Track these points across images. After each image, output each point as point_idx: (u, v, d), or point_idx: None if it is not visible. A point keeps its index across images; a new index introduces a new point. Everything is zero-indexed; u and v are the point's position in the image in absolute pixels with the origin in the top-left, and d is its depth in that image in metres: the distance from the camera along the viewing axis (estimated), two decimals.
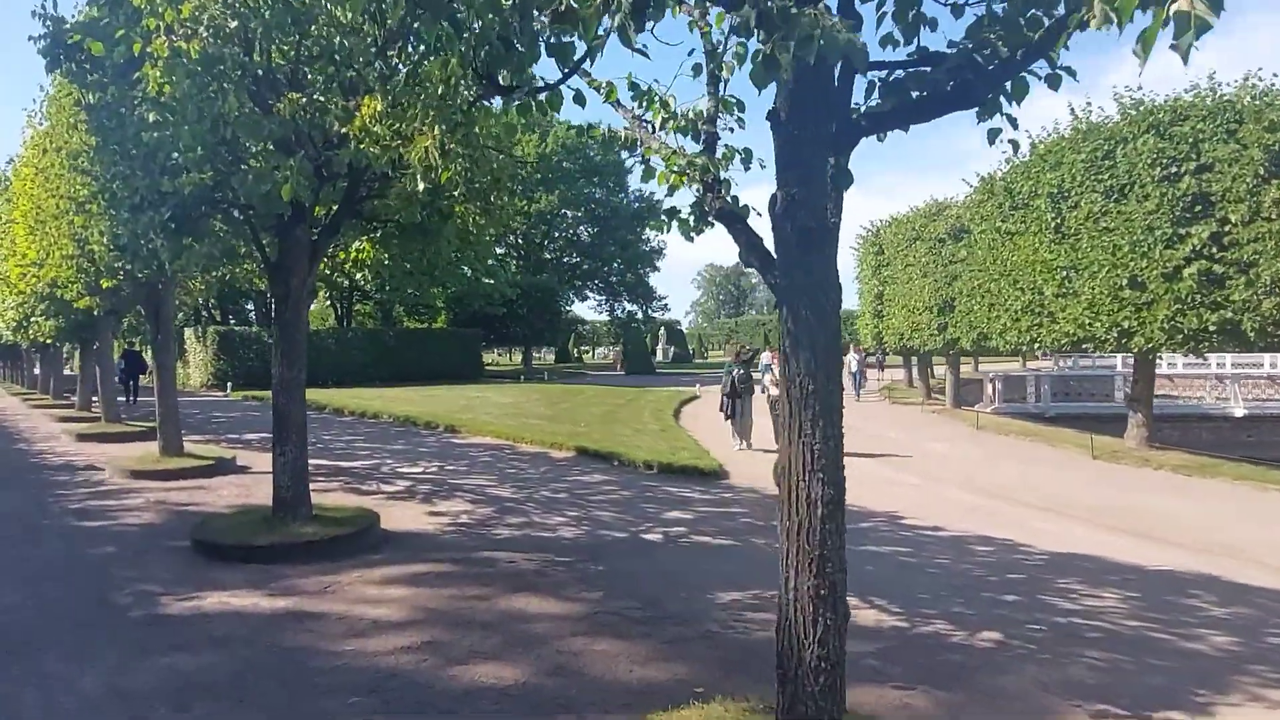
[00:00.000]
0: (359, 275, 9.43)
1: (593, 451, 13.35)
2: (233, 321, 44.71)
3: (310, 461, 13.04)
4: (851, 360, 28.07)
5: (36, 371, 33.24)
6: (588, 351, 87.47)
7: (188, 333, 38.00)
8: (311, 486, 8.78)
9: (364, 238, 7.78)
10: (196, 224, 6.37)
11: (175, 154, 5.84)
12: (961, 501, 10.51)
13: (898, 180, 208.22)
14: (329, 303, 49.19)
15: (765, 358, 21.88)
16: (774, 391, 13.11)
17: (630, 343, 50.37)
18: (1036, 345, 16.18)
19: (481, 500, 9.61)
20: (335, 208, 7.62)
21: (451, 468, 12.18)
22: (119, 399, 18.59)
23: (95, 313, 12.76)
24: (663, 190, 3.61)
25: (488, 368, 49.61)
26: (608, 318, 69.44)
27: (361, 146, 4.19)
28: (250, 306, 47.38)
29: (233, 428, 18.24)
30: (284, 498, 7.35)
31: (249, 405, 26.24)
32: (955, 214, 19.71)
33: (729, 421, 13.60)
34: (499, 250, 51.34)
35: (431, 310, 47.20)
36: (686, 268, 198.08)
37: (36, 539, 7.47)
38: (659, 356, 63.55)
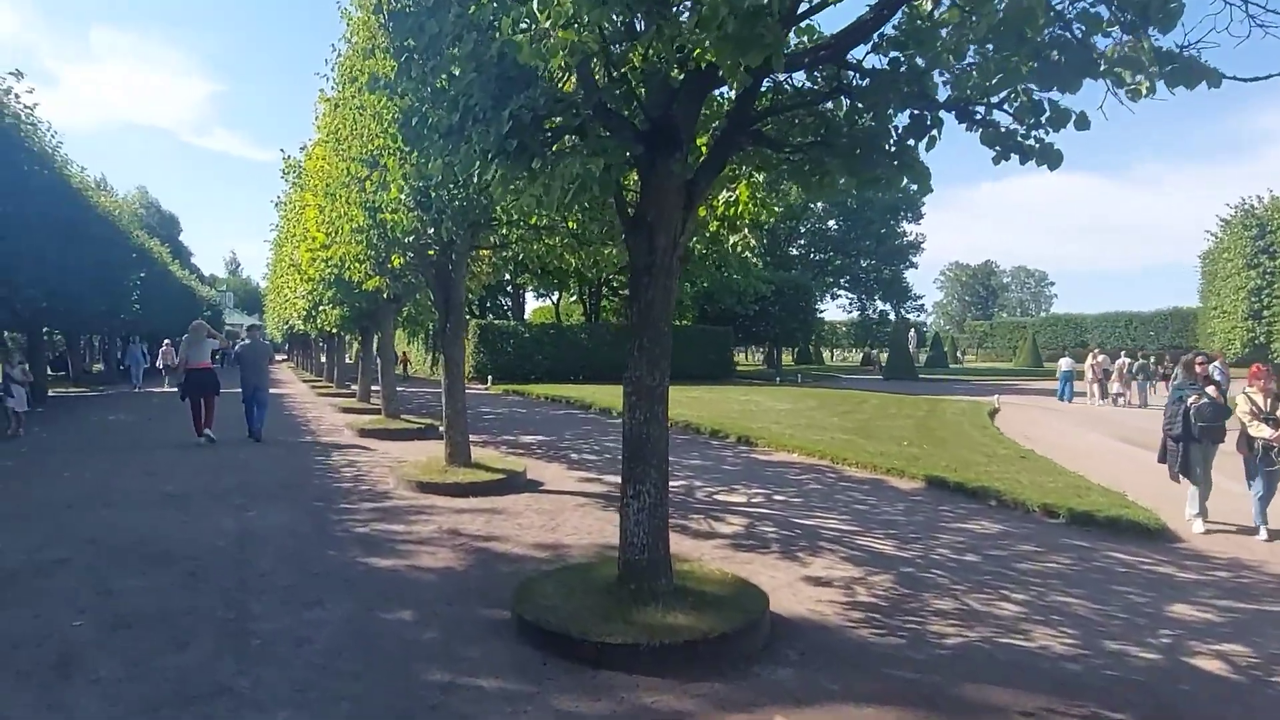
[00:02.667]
0: (734, 240, 7.02)
1: (954, 485, 10.18)
2: (490, 316, 45.69)
3: (608, 478, 11.08)
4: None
5: (323, 360, 35.28)
6: (825, 352, 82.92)
7: None
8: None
9: (755, 175, 5.30)
10: (544, 143, 4.09)
11: (530, 18, 3.54)
12: None
13: (1163, 169, 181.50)
14: (575, 297, 49.28)
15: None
16: (1267, 433, 8.00)
17: (893, 345, 45.79)
18: None
19: (864, 559, 6.85)
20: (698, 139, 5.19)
21: (781, 498, 9.56)
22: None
23: (384, 295, 11.53)
24: None
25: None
26: (857, 317, 64.73)
27: None
28: (507, 302, 48.40)
29: (504, 426, 16.98)
30: (636, 560, 4.98)
31: (512, 400, 25.57)
32: None
33: (1179, 479, 8.65)
34: None
35: (679, 307, 45.63)
36: (926, 268, 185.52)
37: (318, 590, 5.66)
38: None
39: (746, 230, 5.88)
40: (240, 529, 7.34)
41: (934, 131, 4.06)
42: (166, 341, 31.37)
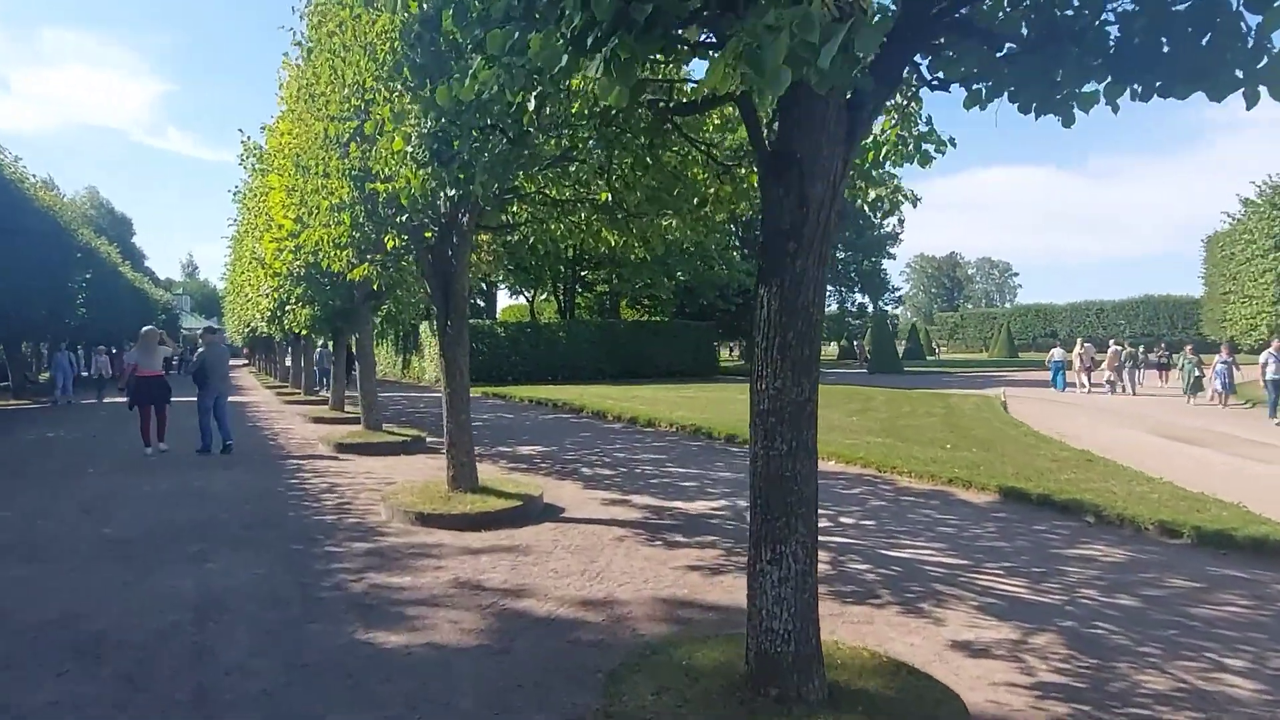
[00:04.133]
0: (877, 195, 5.58)
1: (1037, 497, 8.81)
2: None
3: (637, 499, 8.97)
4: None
5: (288, 364, 33.16)
6: None
7: (423, 326, 37.15)
8: (683, 556, 5.14)
9: (911, 104, 3.78)
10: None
11: None
12: None
13: (1119, 162, 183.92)
14: (547, 295, 47.48)
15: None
16: None
17: (877, 338, 44.78)
18: None
19: (1003, 610, 5.38)
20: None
21: (849, 520, 8.13)
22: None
23: (374, 286, 9.85)
24: None
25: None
26: (836, 309, 63.63)
27: None
28: (479, 300, 46.44)
29: (496, 435, 15.32)
30: (778, 655, 3.46)
31: (495, 404, 23.86)
32: None
33: None
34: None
35: (656, 303, 44.01)
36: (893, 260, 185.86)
37: (307, 695, 4.02)
38: None
39: (898, 183, 4.33)
40: (198, 592, 5.66)
41: None
42: (101, 348, 28.69)
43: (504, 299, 54.79)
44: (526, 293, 45.58)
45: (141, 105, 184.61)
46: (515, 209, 8.00)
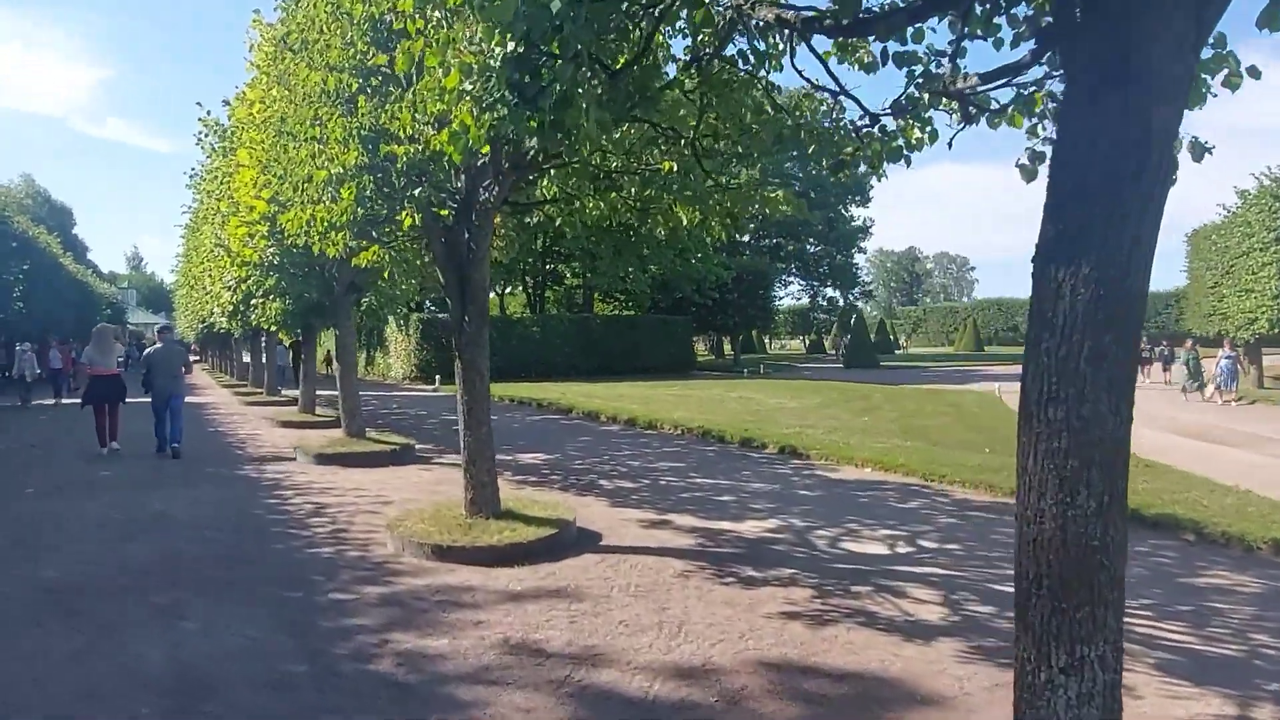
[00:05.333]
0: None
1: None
2: (430, 309, 42.07)
3: (678, 520, 7.83)
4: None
5: (246, 360, 31.31)
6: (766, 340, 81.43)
7: (390, 321, 35.52)
8: (768, 598, 4.16)
9: None
10: None
11: None
12: None
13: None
14: (513, 288, 46.01)
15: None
16: None
17: (854, 332, 44.18)
18: None
19: (1184, 668, 4.37)
20: None
21: (928, 543, 7.08)
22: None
23: (387, 272, 8.55)
24: None
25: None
26: (807, 303, 63.09)
27: None
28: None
29: None
30: None
31: None
32: None
33: None
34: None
35: (630, 296, 42.73)
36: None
37: None
38: None
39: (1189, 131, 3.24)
40: (173, 667, 4.37)
41: None
42: (27, 345, 24.56)
43: None
44: (496, 286, 43.96)
45: (79, 92, 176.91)
46: (545, 185, 6.82)
